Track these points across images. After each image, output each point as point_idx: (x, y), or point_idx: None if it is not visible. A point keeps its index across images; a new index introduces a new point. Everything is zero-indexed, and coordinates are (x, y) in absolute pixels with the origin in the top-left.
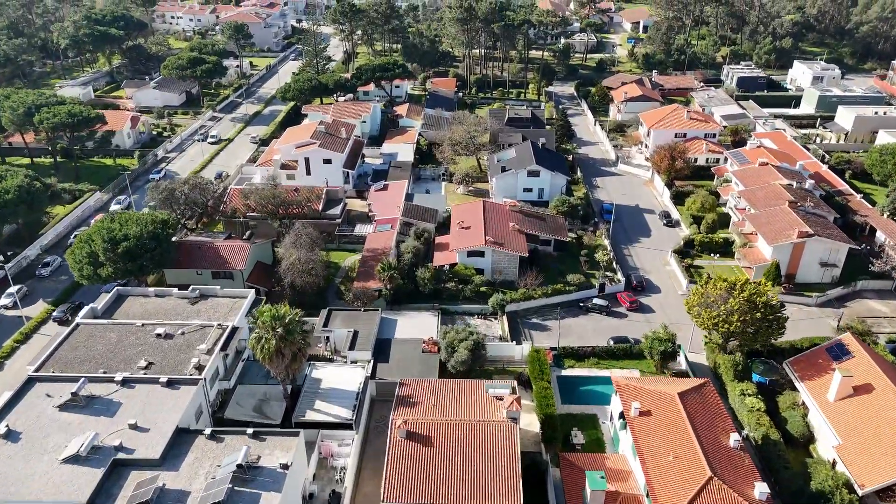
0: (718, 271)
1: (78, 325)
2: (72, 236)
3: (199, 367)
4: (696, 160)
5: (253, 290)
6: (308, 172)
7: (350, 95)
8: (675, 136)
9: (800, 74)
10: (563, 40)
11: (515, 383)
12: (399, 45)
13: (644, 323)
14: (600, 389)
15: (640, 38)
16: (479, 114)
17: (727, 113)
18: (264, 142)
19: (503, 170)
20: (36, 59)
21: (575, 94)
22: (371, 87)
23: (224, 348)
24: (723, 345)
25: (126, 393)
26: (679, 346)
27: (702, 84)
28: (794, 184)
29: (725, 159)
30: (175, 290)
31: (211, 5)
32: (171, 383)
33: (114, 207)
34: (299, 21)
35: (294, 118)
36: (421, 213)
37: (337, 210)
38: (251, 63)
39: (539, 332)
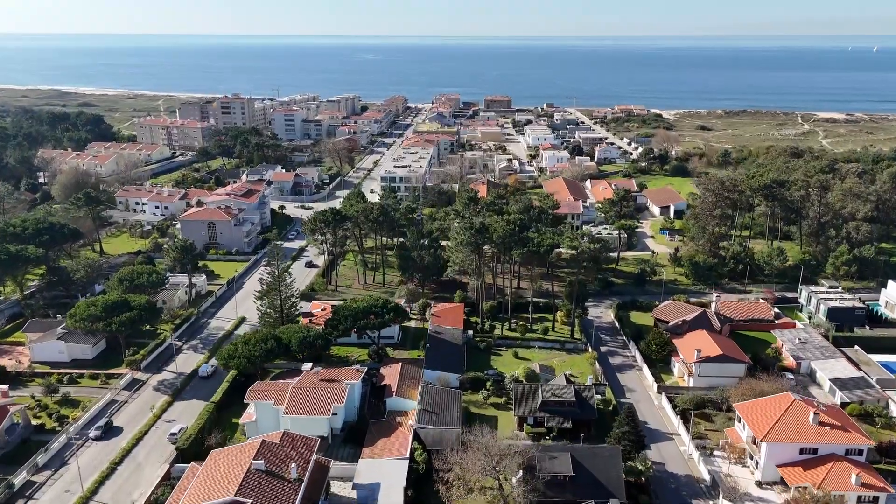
0: None
1: None
2: None
3: None
4: (843, 498)
5: None
6: None
7: (317, 369)
8: (801, 452)
9: None
10: (585, 234)
11: None
12: (394, 240)
13: None
14: None
15: (674, 229)
16: (497, 367)
17: (838, 376)
18: (184, 454)
19: None
20: None
21: (616, 324)
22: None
23: None
24: None
25: None
26: None
27: (775, 309)
28: None
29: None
30: None
31: (182, 189)
32: None
33: None
34: (282, 208)
35: (239, 390)
36: None
37: None
38: (211, 273)
39: None
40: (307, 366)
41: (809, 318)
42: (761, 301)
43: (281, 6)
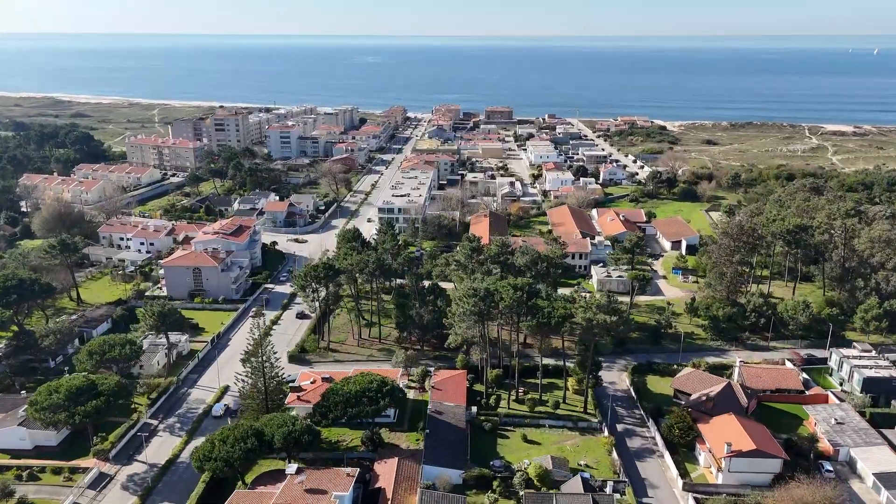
0: None
1: None
2: None
3: None
4: None
5: None
6: None
7: (301, 478)
8: None
9: None
10: (600, 303)
11: None
12: (394, 281)
13: None
14: None
15: (688, 268)
16: (503, 453)
17: (883, 469)
18: None
19: None
20: None
21: (632, 393)
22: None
23: None
24: None
25: None
26: None
27: (804, 375)
28: None
29: None
30: None
31: (170, 222)
32: None
33: None
34: (274, 244)
35: (216, 492)
36: None
37: None
38: (196, 326)
39: None
40: (291, 468)
41: (841, 384)
42: (788, 365)
43: (282, 6)
